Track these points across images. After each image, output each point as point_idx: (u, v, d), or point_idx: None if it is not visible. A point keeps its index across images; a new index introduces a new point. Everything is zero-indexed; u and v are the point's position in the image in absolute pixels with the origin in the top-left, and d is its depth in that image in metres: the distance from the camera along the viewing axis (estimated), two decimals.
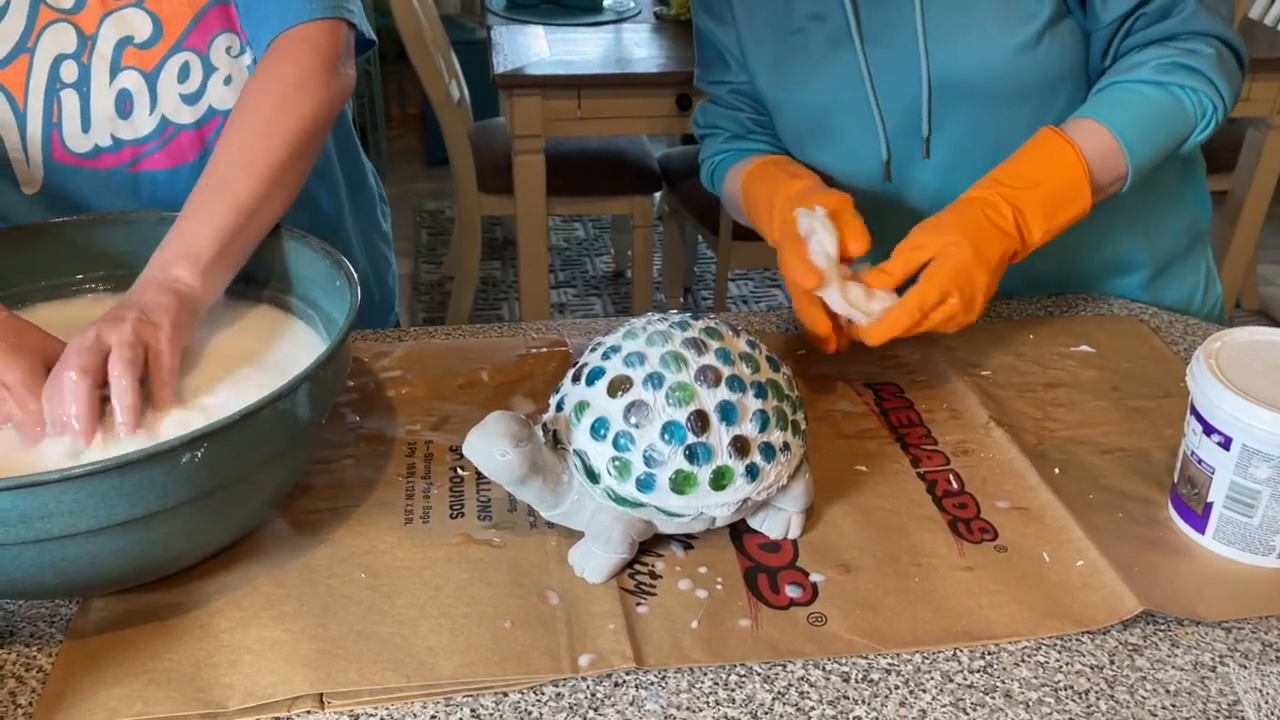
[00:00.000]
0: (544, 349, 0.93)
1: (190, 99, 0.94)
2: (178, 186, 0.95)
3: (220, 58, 0.94)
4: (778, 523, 0.72)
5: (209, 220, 0.78)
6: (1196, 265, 1.11)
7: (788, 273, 0.85)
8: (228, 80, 0.95)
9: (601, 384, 0.67)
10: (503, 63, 2.16)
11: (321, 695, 0.59)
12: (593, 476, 0.67)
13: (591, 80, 2.16)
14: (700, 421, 0.65)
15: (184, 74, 0.93)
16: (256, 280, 0.85)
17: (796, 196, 0.89)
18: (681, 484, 0.66)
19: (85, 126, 0.92)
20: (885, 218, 0.92)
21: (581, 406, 0.68)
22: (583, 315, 2.86)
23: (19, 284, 0.83)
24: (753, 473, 0.67)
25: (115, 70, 0.91)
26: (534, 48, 2.27)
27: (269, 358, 0.79)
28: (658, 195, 2.67)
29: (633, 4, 2.56)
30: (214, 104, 0.95)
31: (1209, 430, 0.70)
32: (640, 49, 2.32)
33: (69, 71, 0.90)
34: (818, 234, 0.83)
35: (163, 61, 0.92)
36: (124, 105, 0.93)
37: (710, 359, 0.67)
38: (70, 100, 0.91)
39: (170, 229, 0.79)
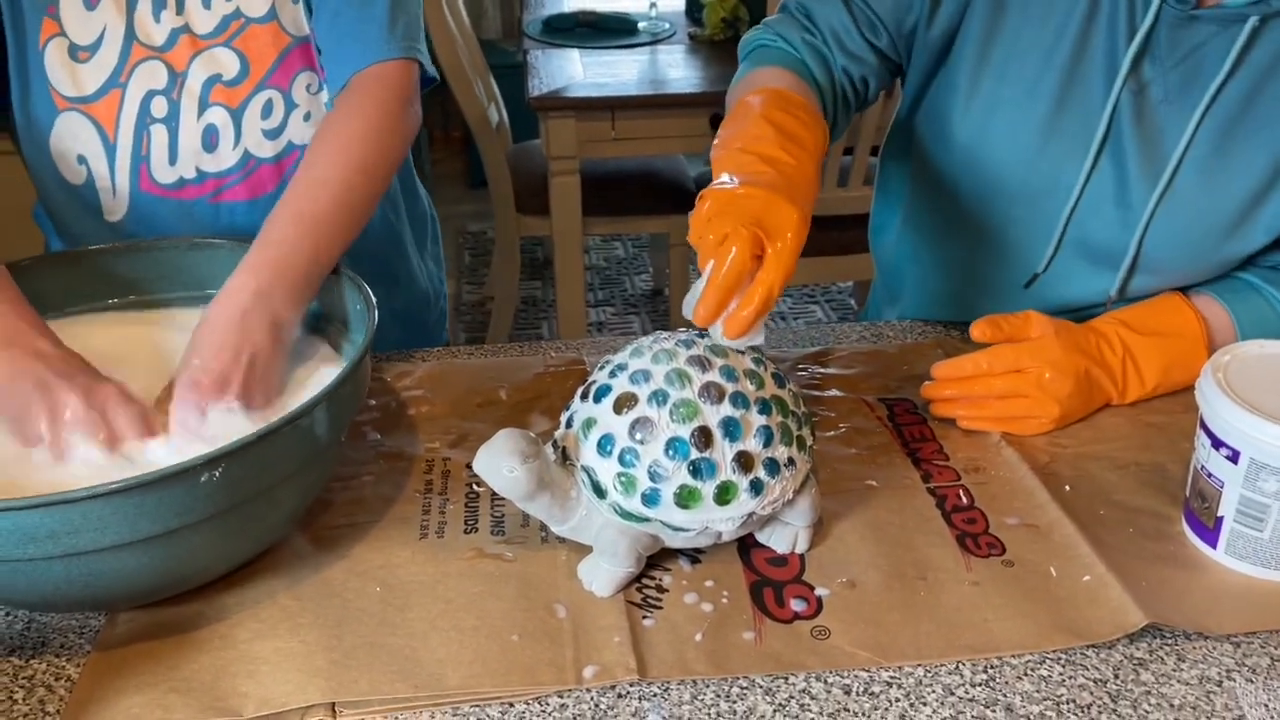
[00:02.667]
0: (562, 367, 0.95)
1: (272, 134, 0.99)
2: (256, 216, 0.98)
3: (301, 95, 0.99)
4: (785, 537, 0.73)
5: (309, 253, 0.81)
6: None
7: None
8: (307, 116, 0.99)
9: (608, 401, 0.69)
10: (538, 85, 2.19)
11: (334, 704, 0.61)
12: (600, 492, 0.68)
13: (625, 101, 2.19)
14: (704, 437, 0.67)
15: (267, 110, 0.98)
16: None
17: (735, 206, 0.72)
18: (686, 499, 0.67)
19: (172, 159, 0.97)
20: (991, 294, 0.96)
21: (589, 423, 0.69)
22: (621, 333, 2.88)
23: (52, 309, 0.86)
24: (757, 488, 0.68)
25: (203, 106, 0.96)
26: (569, 70, 2.30)
27: (293, 379, 0.82)
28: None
29: (667, 25, 2.58)
30: (293, 139, 1.00)
31: (1217, 444, 0.69)
32: (675, 70, 2.35)
33: (159, 107, 0.95)
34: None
35: (248, 98, 0.97)
36: (210, 139, 0.97)
37: (714, 376, 0.68)
38: (159, 134, 0.96)
39: (264, 251, 0.80)
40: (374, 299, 0.79)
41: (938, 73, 0.96)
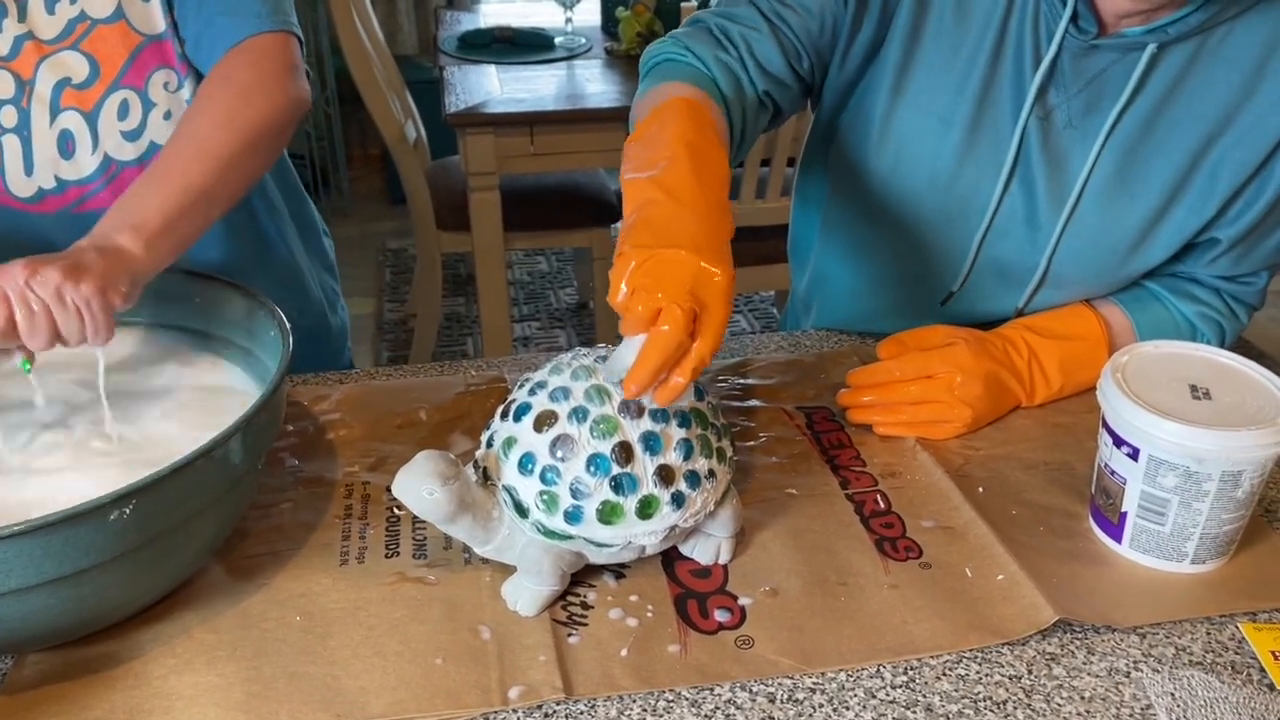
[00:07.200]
0: (483, 386, 0.94)
1: (131, 135, 0.97)
2: None
3: (159, 93, 0.96)
4: (708, 549, 0.74)
5: (155, 196, 0.80)
6: None
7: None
8: (167, 115, 0.97)
9: (528, 419, 0.69)
10: (455, 102, 2.18)
11: None
12: (522, 511, 0.68)
13: (543, 116, 2.19)
14: (624, 452, 0.67)
15: (124, 111, 0.95)
16: (205, 334, 0.86)
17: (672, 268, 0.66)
18: (608, 514, 0.67)
19: (28, 170, 0.94)
20: (909, 312, 0.98)
21: (509, 442, 0.69)
22: (547, 348, 2.87)
23: None
24: (679, 500, 0.68)
25: (55, 112, 0.93)
26: (487, 86, 2.29)
27: (210, 406, 0.80)
28: (615, 227, 2.70)
29: (583, 40, 2.59)
30: (155, 139, 0.97)
31: (1119, 442, 0.72)
32: (592, 84, 2.35)
33: (9, 117, 0.92)
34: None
35: (101, 100, 0.94)
36: (66, 146, 0.94)
37: None
38: (11, 145, 0.93)
39: (119, 200, 0.80)
40: (288, 324, 0.78)
41: (851, 99, 0.97)
